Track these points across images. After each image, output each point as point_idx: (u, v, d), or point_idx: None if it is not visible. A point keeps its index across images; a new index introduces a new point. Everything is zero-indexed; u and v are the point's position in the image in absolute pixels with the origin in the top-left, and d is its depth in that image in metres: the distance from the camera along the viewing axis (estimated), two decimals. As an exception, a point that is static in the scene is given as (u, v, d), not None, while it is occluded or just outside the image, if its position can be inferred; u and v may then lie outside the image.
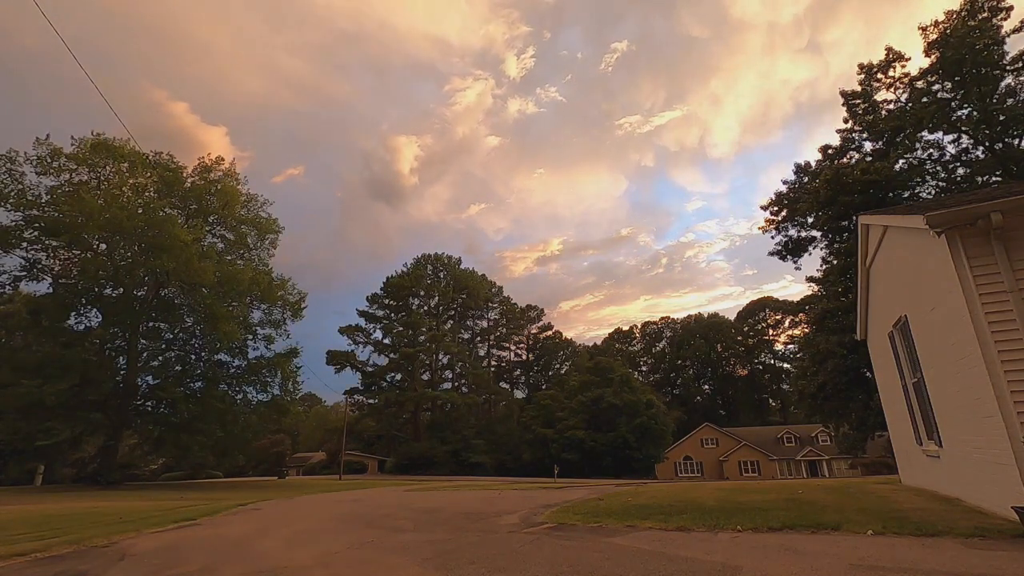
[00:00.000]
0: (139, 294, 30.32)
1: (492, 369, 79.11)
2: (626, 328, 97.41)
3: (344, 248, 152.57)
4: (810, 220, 24.75)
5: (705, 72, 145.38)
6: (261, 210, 33.75)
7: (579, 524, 7.07)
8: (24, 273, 27.56)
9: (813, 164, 26.23)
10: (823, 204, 22.31)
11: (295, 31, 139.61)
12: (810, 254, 25.76)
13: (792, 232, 26.07)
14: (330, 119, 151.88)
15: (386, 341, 68.20)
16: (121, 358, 30.75)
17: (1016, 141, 21.53)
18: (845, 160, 24.87)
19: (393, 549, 5.84)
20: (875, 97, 24.70)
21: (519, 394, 78.52)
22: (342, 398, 64.51)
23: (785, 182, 26.99)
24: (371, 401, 67.07)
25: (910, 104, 23.30)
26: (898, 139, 23.41)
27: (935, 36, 22.61)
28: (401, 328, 67.47)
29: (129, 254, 29.05)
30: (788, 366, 77.23)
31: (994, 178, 21.42)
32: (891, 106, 24.21)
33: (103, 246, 28.88)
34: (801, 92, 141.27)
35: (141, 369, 30.40)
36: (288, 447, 65.15)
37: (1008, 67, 21.39)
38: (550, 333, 79.92)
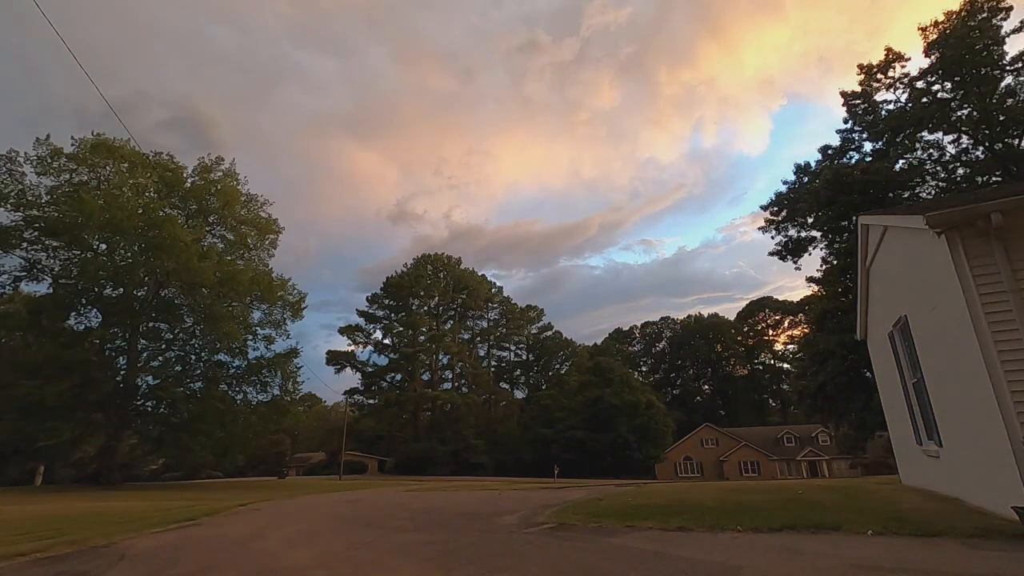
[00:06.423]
0: (139, 294, 30.29)
1: (492, 369, 79.15)
2: (626, 328, 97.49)
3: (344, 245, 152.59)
4: (810, 220, 24.77)
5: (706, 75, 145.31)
6: (261, 210, 33.76)
7: (579, 524, 7.06)
8: (24, 273, 27.57)
9: (813, 164, 26.26)
10: (823, 204, 22.32)
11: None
12: (810, 254, 25.79)
13: (792, 232, 26.10)
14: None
15: (386, 341, 68.34)
16: (121, 358, 30.73)
17: (1016, 141, 21.53)
18: (845, 160, 24.89)
19: (393, 549, 5.84)
20: (875, 97, 24.73)
21: (519, 394, 78.58)
22: (342, 398, 64.61)
23: (785, 182, 27.05)
24: (371, 401, 67.17)
25: (910, 104, 23.31)
26: (898, 139, 23.43)
27: (935, 36, 22.62)
28: (401, 328, 67.52)
29: (129, 254, 29.03)
30: (788, 366, 77.30)
31: (994, 178, 21.43)
32: (891, 106, 24.24)
33: (103, 246, 28.87)
34: (794, 97, 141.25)
35: (141, 369, 30.37)
36: (288, 447, 65.15)
37: (1008, 67, 21.40)
38: (550, 333, 79.92)
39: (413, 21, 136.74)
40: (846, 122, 25.37)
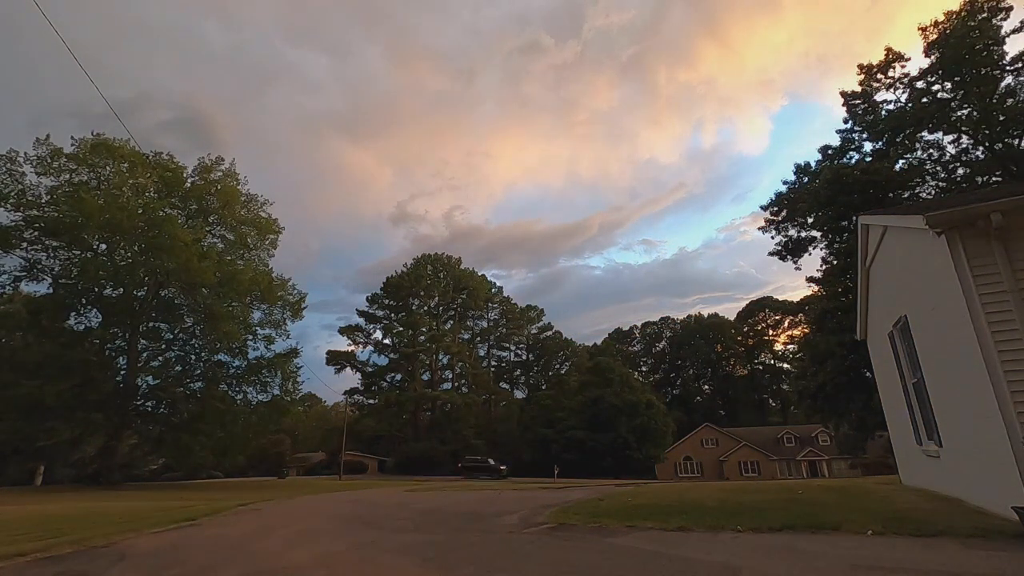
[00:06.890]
0: (139, 294, 30.28)
1: (492, 369, 79.10)
2: (626, 328, 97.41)
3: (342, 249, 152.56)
4: (810, 220, 24.79)
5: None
6: (261, 210, 33.74)
7: (579, 524, 7.07)
8: (24, 273, 27.58)
9: (813, 164, 26.27)
10: (823, 204, 22.34)
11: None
12: (810, 254, 25.81)
13: (792, 232, 26.13)
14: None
15: (386, 341, 68.28)
16: (121, 358, 30.73)
17: (1016, 141, 21.54)
18: (845, 160, 24.91)
19: (393, 549, 5.84)
20: (875, 97, 24.74)
21: (519, 394, 78.50)
22: (342, 398, 64.59)
23: (785, 182, 27.09)
24: (371, 401, 67.09)
25: (910, 104, 23.32)
26: (898, 139, 23.44)
27: (935, 36, 22.63)
28: (401, 328, 67.46)
29: (129, 254, 29.04)
30: (788, 366, 77.29)
31: (994, 178, 21.44)
32: (891, 106, 24.25)
33: (103, 246, 28.88)
34: (787, 97, 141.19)
35: (141, 369, 30.38)
36: (288, 447, 65.09)
37: (1008, 67, 21.41)
38: (550, 333, 79.84)
39: (413, 22, 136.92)
40: (846, 122, 25.42)
